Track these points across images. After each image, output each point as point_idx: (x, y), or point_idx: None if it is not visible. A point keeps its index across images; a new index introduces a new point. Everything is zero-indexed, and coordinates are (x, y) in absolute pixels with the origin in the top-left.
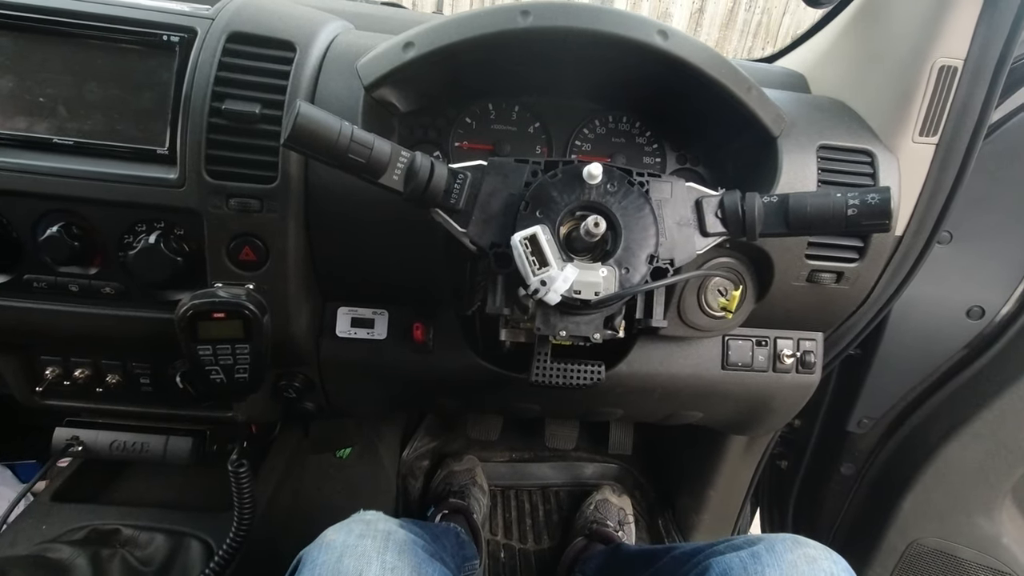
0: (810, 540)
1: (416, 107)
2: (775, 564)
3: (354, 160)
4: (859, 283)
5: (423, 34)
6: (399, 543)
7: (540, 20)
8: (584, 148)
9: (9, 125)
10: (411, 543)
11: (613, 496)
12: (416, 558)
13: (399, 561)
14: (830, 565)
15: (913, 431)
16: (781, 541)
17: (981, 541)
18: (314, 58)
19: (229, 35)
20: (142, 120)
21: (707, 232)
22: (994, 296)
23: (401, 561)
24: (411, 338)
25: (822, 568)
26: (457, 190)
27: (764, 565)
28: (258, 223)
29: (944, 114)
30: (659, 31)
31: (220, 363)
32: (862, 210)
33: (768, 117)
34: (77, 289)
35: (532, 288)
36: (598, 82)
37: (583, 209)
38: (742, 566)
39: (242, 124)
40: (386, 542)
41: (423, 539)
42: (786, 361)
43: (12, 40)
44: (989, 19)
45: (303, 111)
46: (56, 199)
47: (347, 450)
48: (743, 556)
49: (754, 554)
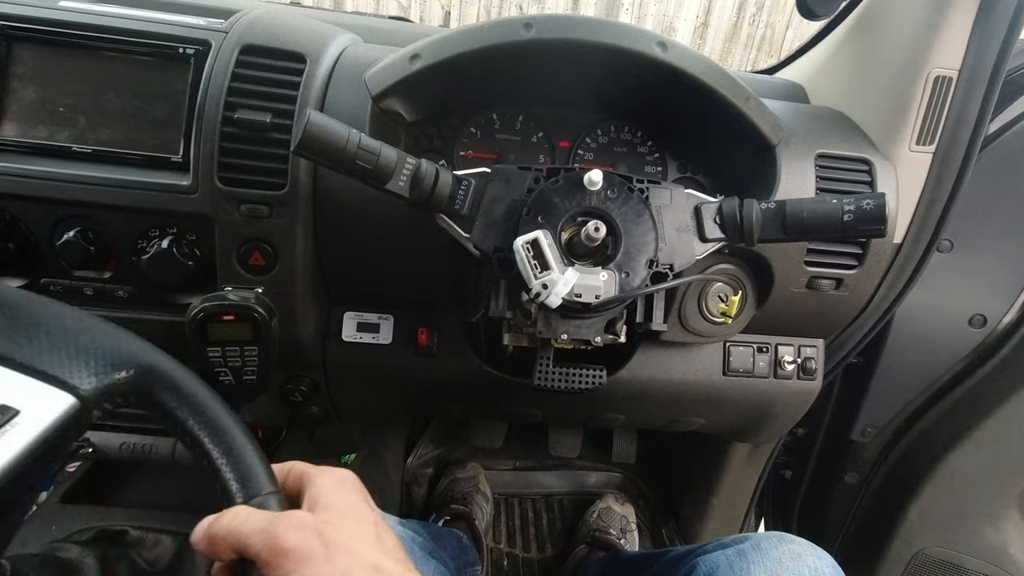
0: (796, 537)
1: (422, 117)
2: (760, 561)
3: (361, 166)
4: (859, 290)
5: (429, 46)
6: None
7: (542, 32)
8: (587, 157)
9: (31, 134)
10: (408, 540)
11: (616, 504)
12: (412, 556)
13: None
14: (815, 561)
15: (917, 440)
16: (767, 538)
17: (987, 551)
18: (324, 69)
19: (242, 47)
20: (157, 129)
21: (706, 238)
22: (996, 304)
23: None
24: (416, 343)
25: (807, 564)
26: (461, 196)
27: (749, 562)
28: (268, 228)
29: (940, 123)
30: (658, 43)
31: (229, 365)
32: (857, 215)
33: (766, 126)
34: (92, 292)
35: (534, 291)
36: (600, 93)
37: (584, 215)
38: (728, 564)
39: (254, 133)
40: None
41: (422, 537)
42: (787, 368)
43: (35, 53)
44: (982, 30)
45: (313, 119)
46: (73, 205)
47: (351, 455)
48: (729, 554)
49: (740, 552)
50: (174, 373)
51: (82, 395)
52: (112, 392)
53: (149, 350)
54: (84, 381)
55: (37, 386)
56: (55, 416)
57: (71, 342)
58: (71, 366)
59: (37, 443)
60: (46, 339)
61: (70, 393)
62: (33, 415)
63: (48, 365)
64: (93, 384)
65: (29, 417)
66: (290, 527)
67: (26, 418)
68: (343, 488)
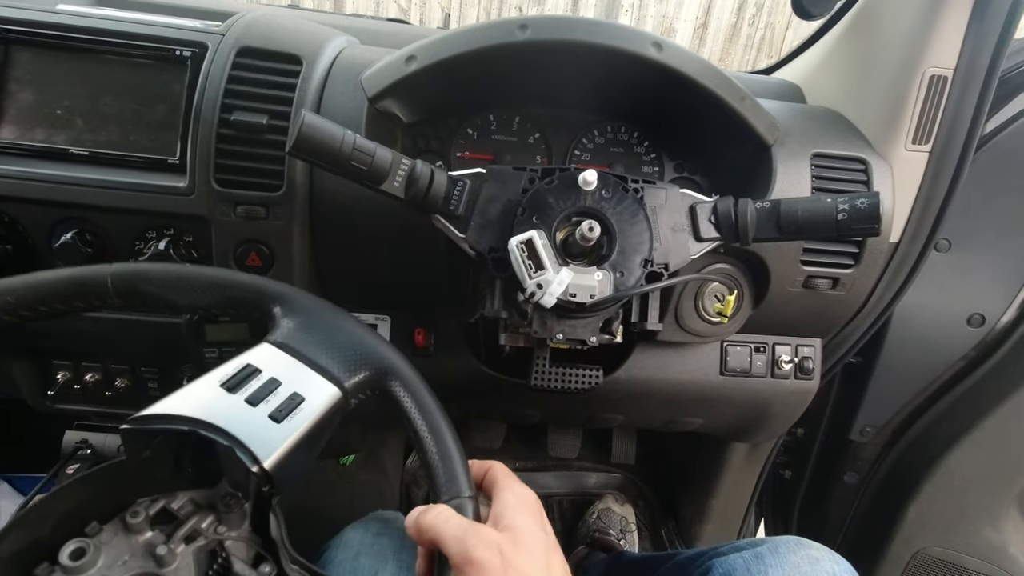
0: (814, 542)
1: (419, 118)
2: (778, 565)
3: (356, 167)
4: (855, 289)
5: (425, 47)
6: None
7: (538, 33)
8: (583, 157)
9: (28, 136)
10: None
11: (616, 505)
12: None
13: (415, 559)
14: (833, 567)
15: (916, 439)
16: (784, 542)
17: (987, 551)
18: (320, 71)
19: (239, 50)
20: (154, 131)
21: (701, 237)
22: (994, 304)
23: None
24: (413, 343)
25: (825, 569)
26: (456, 197)
27: (767, 566)
28: (264, 230)
29: (936, 122)
30: (653, 43)
31: None
32: (852, 214)
33: (762, 126)
34: None
35: (528, 291)
36: (596, 93)
37: (579, 214)
38: (745, 567)
39: (250, 134)
40: (403, 540)
41: None
42: (784, 367)
43: (33, 56)
44: (977, 30)
45: (307, 120)
46: (71, 207)
47: (350, 457)
48: (746, 557)
49: (757, 555)
50: (409, 376)
51: (345, 388)
52: (364, 386)
53: (390, 353)
54: (345, 376)
55: (316, 378)
56: (328, 404)
57: (338, 343)
58: (338, 364)
59: (314, 425)
60: (324, 340)
61: (336, 386)
62: (313, 401)
63: (325, 362)
64: (351, 379)
65: (311, 403)
66: (479, 543)
67: (309, 404)
68: (524, 511)
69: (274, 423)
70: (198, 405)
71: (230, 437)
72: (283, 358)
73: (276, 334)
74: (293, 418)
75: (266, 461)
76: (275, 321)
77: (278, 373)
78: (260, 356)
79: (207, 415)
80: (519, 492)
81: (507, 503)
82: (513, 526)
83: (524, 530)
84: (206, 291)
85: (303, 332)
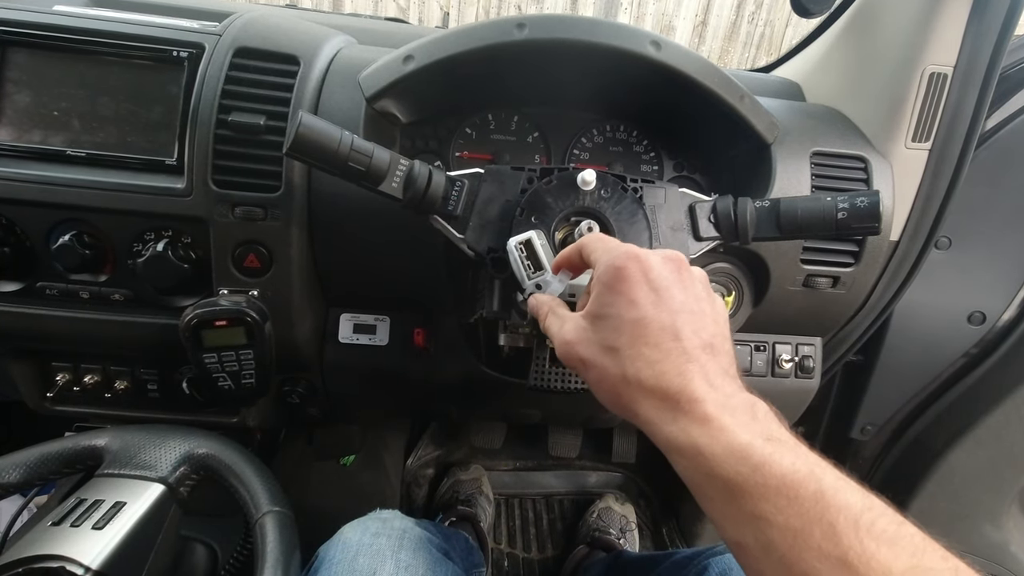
0: None
1: (417, 118)
2: None
3: (354, 168)
4: (855, 288)
5: (423, 47)
6: (414, 541)
7: (535, 33)
8: (582, 157)
9: (25, 138)
10: (426, 541)
11: (616, 504)
12: (431, 556)
13: (414, 559)
14: None
15: (916, 438)
16: None
17: (988, 549)
18: (318, 71)
19: (236, 50)
20: (152, 132)
21: (700, 236)
22: (995, 301)
23: (416, 559)
24: (412, 343)
25: None
26: (455, 197)
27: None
28: (262, 231)
29: (936, 120)
30: (652, 42)
31: (226, 370)
32: (851, 213)
33: (761, 125)
34: (88, 296)
35: (527, 291)
36: (595, 92)
37: (577, 215)
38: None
39: (247, 135)
40: (401, 540)
41: (437, 537)
42: (785, 366)
43: (29, 57)
44: (976, 27)
45: (304, 121)
46: (69, 208)
47: (351, 457)
48: None
49: None
50: (222, 455)
51: (169, 482)
52: (185, 476)
53: (202, 442)
54: (167, 473)
55: (138, 485)
56: (152, 499)
57: (155, 450)
58: (158, 466)
59: (140, 519)
60: (143, 452)
61: (160, 483)
62: (137, 503)
63: (143, 470)
64: (173, 474)
65: (133, 505)
66: (623, 251)
67: (132, 506)
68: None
69: (97, 531)
70: (31, 545)
71: (56, 557)
72: (108, 481)
73: (102, 467)
74: (115, 522)
75: (95, 563)
76: (102, 457)
77: (102, 494)
78: (89, 488)
79: (33, 550)
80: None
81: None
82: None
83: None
84: (37, 465)
85: (124, 454)
